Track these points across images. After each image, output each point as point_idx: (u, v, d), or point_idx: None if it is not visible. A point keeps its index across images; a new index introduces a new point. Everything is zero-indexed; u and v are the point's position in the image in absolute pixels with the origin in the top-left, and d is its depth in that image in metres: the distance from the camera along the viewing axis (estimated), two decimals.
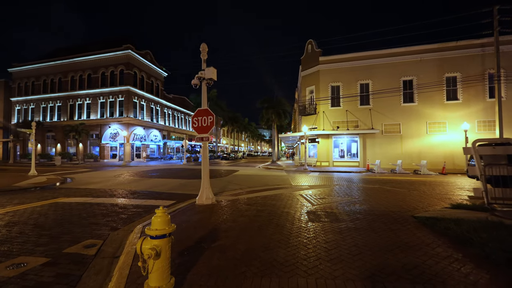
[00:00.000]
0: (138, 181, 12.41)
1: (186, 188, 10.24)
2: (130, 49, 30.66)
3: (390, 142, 21.30)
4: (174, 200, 7.57)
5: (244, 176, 14.89)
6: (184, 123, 48.29)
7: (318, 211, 5.77)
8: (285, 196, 7.75)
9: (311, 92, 24.43)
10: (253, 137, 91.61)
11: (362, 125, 21.95)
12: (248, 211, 5.78)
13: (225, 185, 11.12)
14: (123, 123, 30.68)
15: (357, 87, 22.25)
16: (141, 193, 9.01)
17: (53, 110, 34.59)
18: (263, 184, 11.33)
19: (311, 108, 23.59)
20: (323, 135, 22.68)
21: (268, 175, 15.87)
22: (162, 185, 11.10)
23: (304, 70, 25.00)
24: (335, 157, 22.83)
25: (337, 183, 11.77)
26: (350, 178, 14.21)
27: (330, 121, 22.78)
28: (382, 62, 21.63)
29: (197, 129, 6.90)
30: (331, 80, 22.89)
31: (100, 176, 15.28)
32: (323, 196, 7.68)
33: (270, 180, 13.13)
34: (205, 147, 7.07)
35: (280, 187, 10.24)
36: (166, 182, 11.98)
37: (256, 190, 9.40)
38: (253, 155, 69.10)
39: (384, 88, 21.05)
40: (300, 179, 13.40)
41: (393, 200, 7.05)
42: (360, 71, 22.18)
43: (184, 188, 10.27)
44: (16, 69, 36.65)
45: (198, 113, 6.92)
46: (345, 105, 22.45)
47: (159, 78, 38.09)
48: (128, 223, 5.22)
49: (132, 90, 31.33)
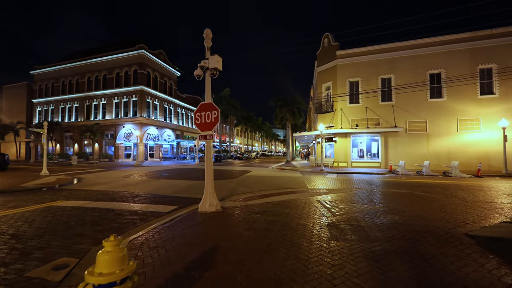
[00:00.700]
0: (145, 183, 11.85)
1: (193, 190, 9.49)
2: (143, 49, 30.69)
3: (415, 141, 19.63)
4: (176, 206, 6.81)
5: (256, 178, 14.01)
6: None
7: (341, 223, 4.76)
8: (301, 203, 6.77)
9: (328, 88, 23.13)
10: (267, 136, 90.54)
11: (384, 123, 20.40)
12: (256, 223, 4.87)
13: (235, 187, 10.27)
14: (137, 123, 30.76)
15: (378, 82, 20.72)
16: (143, 196, 8.34)
17: (71, 110, 35.43)
18: (276, 187, 10.38)
19: (328, 106, 22.30)
20: (341, 134, 21.34)
21: (281, 176, 14.89)
22: (168, 186, 10.44)
23: (320, 66, 23.73)
24: (354, 157, 21.42)
25: (358, 186, 10.60)
26: (371, 180, 12.94)
27: (348, 119, 21.40)
28: (406, 55, 19.98)
29: (200, 126, 6.09)
30: (349, 75, 21.49)
31: (109, 176, 14.95)
32: (345, 203, 6.63)
33: (284, 182, 12.16)
34: (209, 146, 6.24)
35: (295, 190, 9.25)
36: (174, 184, 11.32)
37: (268, 194, 8.48)
38: (267, 155, 68.12)
39: (408, 82, 19.40)
40: (317, 182, 12.32)
41: (431, 209, 5.88)
42: (381, 65, 20.64)
43: (190, 190, 9.53)
44: (37, 72, 37.94)
45: (201, 107, 6.11)
46: (365, 101, 20.99)
47: (172, 77, 38.05)
48: (120, 233, 4.47)
49: (146, 90, 31.35)
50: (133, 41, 32.32)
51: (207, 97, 6.19)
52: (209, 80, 6.23)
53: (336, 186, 10.70)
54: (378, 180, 12.94)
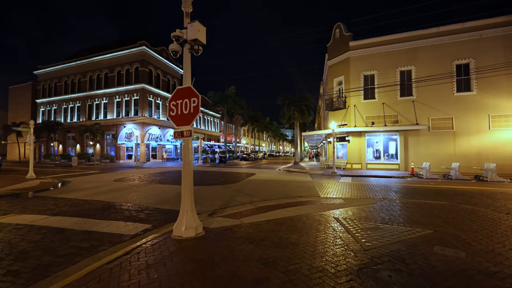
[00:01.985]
0: (132, 188, 10.36)
1: None
2: (144, 46, 29.51)
3: (439, 140, 17.51)
4: (150, 224, 5.22)
5: (260, 182, 12.33)
6: (203, 122, 46.81)
7: (379, 267, 3.04)
8: (313, 222, 5.07)
9: (340, 83, 21.22)
10: (274, 136, 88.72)
11: (403, 120, 18.36)
12: (247, 262, 3.21)
13: (232, 195, 8.64)
14: (138, 122, 29.61)
15: (397, 75, 18.68)
16: (117, 208, 6.81)
17: (73, 110, 34.70)
18: (282, 195, 8.69)
19: (340, 102, 20.40)
20: (355, 133, 19.41)
21: (289, 180, 13.17)
22: (155, 194, 8.90)
23: (331, 59, 21.84)
24: (369, 158, 19.44)
25: (381, 195, 8.78)
26: (394, 186, 11.05)
27: (363, 116, 19.44)
28: (429, 44, 17.89)
29: (175, 119, 4.49)
30: (364, 68, 19.53)
31: (99, 180, 13.61)
32: (373, 223, 4.89)
33: (292, 188, 10.44)
34: (188, 146, 4.60)
35: (305, 201, 7.53)
36: (163, 190, 9.79)
37: (271, 206, 6.82)
38: (275, 155, 66.30)
39: (431, 74, 17.30)
40: (330, 188, 10.54)
41: (504, 237, 4.08)
42: (400, 56, 18.60)
43: (178, 200, 7.96)
44: (41, 71, 37.47)
45: (177, 94, 4.51)
46: (381, 97, 18.99)
47: (176, 76, 36.80)
48: (32, 283, 2.90)
49: (147, 88, 30.16)
50: (135, 39, 31.22)
51: (185, 79, 4.56)
52: (188, 57, 4.60)
53: (353, 194, 8.91)
54: (402, 186, 11.03)
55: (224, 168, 22.71)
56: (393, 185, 11.29)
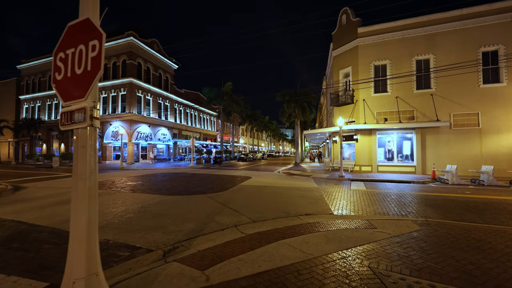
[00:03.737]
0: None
1: (143, 222, 5.65)
2: (132, 36, 27.16)
3: (462, 139, 15.25)
4: (47, 283, 2.93)
5: (254, 190, 10.05)
6: (198, 121, 44.48)
7: None
8: (335, 280, 2.77)
9: (347, 75, 18.95)
10: (274, 136, 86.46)
11: (420, 117, 16.10)
12: None
13: (213, 212, 6.36)
14: (125, 120, 27.27)
15: (412, 65, 16.42)
16: (44, 237, 4.53)
17: (58, 107, 32.36)
18: (281, 211, 6.43)
19: (347, 96, 18.12)
20: (364, 131, 17.16)
21: (289, 187, 10.88)
22: (109, 212, 6.62)
23: (336, 48, 19.56)
24: (380, 159, 17.16)
25: (414, 209, 6.52)
26: (422, 196, 8.77)
27: (373, 112, 17.18)
28: (450, 29, 15.63)
29: (61, 86, 2.20)
30: (375, 58, 17.26)
31: (63, 186, 11.33)
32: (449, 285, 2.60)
33: (293, 198, 8.16)
34: (85, 143, 2.27)
35: (313, 222, 5.25)
36: (126, 202, 7.50)
37: (263, 233, 4.58)
38: (274, 155, 64.01)
39: (453, 63, 15.04)
40: (342, 198, 8.26)
41: None
42: (417, 43, 16.34)
43: (136, 222, 5.68)
44: (24, 66, 35.15)
45: (68, 36, 2.21)
46: (395, 90, 16.73)
47: (168, 70, 34.46)
48: None
49: (135, 83, 27.81)
50: (123, 30, 28.88)
51: (83, 4, 2.25)
52: None
53: (377, 209, 6.64)
54: (432, 196, 8.74)
55: (217, 170, 20.43)
56: (419, 194, 9.01)
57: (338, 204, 7.41)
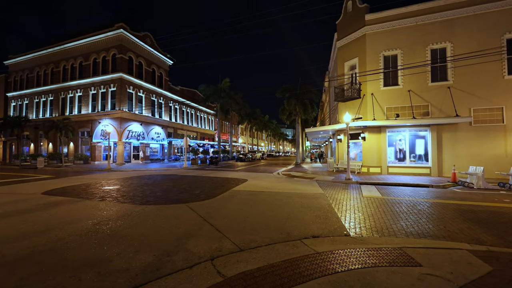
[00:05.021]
0: (34, 213, 6.46)
1: (84, 250, 4.03)
2: (122, 29, 25.50)
3: (484, 137, 13.60)
4: None
5: (248, 197, 8.41)
6: (195, 120, 42.81)
7: None
8: None
9: (353, 68, 17.30)
10: (274, 136, 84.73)
11: (436, 112, 14.45)
12: None
13: (190, 231, 4.73)
14: (115, 117, 25.62)
15: (427, 55, 14.76)
16: None
17: (46, 105, 30.71)
18: (279, 228, 4.81)
19: (353, 90, 16.46)
20: (372, 128, 15.52)
21: (291, 193, 9.24)
22: (40, 237, 5.00)
23: (341, 38, 17.90)
24: (390, 160, 15.51)
25: (454, 226, 4.88)
26: (451, 205, 7.12)
27: (383, 107, 15.54)
28: (470, 14, 13.97)
29: None
30: (384, 47, 15.61)
31: (24, 192, 9.74)
32: None
33: (295, 209, 6.53)
34: None
35: (323, 252, 3.60)
36: (90, 216, 5.88)
37: (249, 273, 2.94)
38: (274, 155, 62.36)
39: (473, 52, 13.37)
40: (355, 209, 6.62)
41: None
42: (432, 30, 14.68)
43: (77, 251, 4.06)
44: (12, 61, 33.53)
45: None
46: (407, 83, 15.08)
47: (163, 66, 32.79)
48: None
49: (126, 78, 26.15)
50: (114, 23, 27.22)
51: None
52: None
53: (405, 226, 5.00)
54: (468, 206, 7.08)
55: (212, 171, 18.80)
56: (449, 203, 7.36)
57: (352, 218, 5.77)
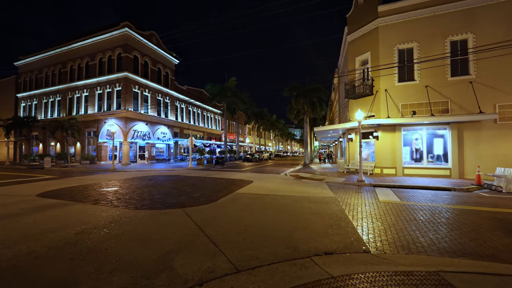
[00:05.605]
0: (20, 218, 5.95)
1: (52, 269, 3.41)
2: (127, 27, 25.27)
3: (511, 136, 12.47)
4: None
5: (252, 201, 7.72)
6: (202, 119, 42.44)
7: None
8: None
9: (364, 63, 16.37)
10: (282, 135, 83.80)
11: (456, 109, 13.39)
12: None
13: (181, 243, 4.07)
14: (120, 117, 25.41)
15: (446, 47, 13.72)
16: None
17: (54, 105, 30.91)
18: (284, 240, 4.07)
19: (365, 87, 15.54)
20: (386, 127, 14.57)
21: (299, 196, 8.49)
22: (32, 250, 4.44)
23: (352, 32, 16.99)
24: (406, 160, 14.52)
25: (499, 242, 4.02)
26: (488, 214, 6.22)
27: (397, 104, 14.57)
28: (493, 1, 12.90)
29: None
30: (399, 40, 14.64)
31: (19, 193, 9.35)
32: None
33: (303, 216, 5.79)
34: None
35: (338, 276, 2.86)
36: (75, 222, 5.33)
37: None
38: (282, 155, 61.48)
39: (498, 43, 12.26)
40: (372, 217, 5.83)
41: None
42: (451, 21, 13.63)
43: (42, 270, 3.45)
44: (21, 62, 33.96)
45: None
46: (424, 77, 14.06)
47: (169, 65, 32.50)
48: None
49: (131, 78, 25.90)
50: (120, 22, 27.05)
51: None
52: None
53: (436, 240, 4.20)
54: (502, 212, 6.18)
55: (217, 172, 18.22)
56: (481, 211, 6.46)
57: (370, 228, 4.99)
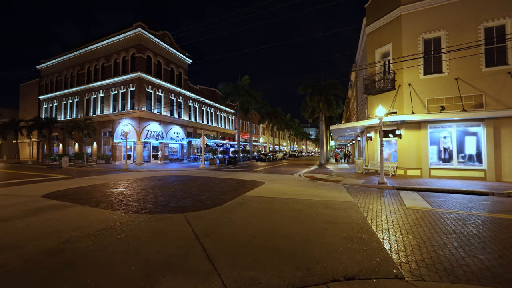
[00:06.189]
0: (23, 218, 5.61)
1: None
2: (140, 28, 25.37)
3: None
4: None
5: (260, 206, 7.02)
6: (215, 119, 42.25)
7: None
8: None
9: (385, 55, 15.19)
10: (296, 135, 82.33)
11: (492, 103, 11.96)
12: None
13: (172, 258, 3.44)
14: (134, 117, 25.57)
15: (479, 35, 12.31)
16: None
17: (72, 106, 31.81)
18: (295, 257, 3.32)
19: (386, 81, 14.36)
20: (410, 124, 13.35)
21: (313, 201, 7.67)
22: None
23: (372, 23, 15.83)
24: (433, 161, 13.22)
25: None
26: None
27: (423, 99, 13.30)
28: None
29: None
30: (424, 29, 13.36)
31: (25, 194, 9.22)
32: None
33: (318, 225, 5.00)
34: None
35: None
36: (67, 228, 4.89)
37: None
38: (297, 155, 60.24)
39: None
40: (401, 228, 4.94)
41: None
42: (486, 4, 12.22)
43: None
44: (43, 66, 35.31)
45: None
46: (454, 69, 12.72)
47: (182, 65, 32.48)
48: None
49: (144, 78, 26.01)
50: (134, 23, 27.27)
51: None
52: None
53: (483, 260, 3.29)
54: None
55: (228, 172, 17.69)
56: None
57: (399, 243, 4.13)
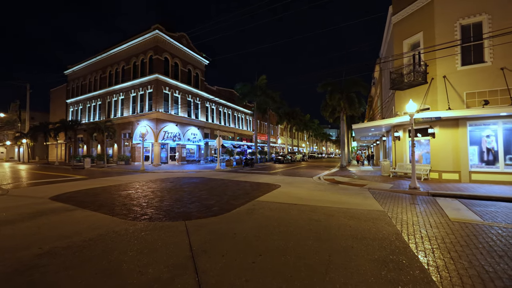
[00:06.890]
0: (23, 223, 5.26)
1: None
2: (158, 30, 25.56)
3: None
4: None
5: (273, 214, 6.21)
6: (232, 120, 41.93)
7: None
8: None
9: (415, 46, 13.74)
10: (316, 136, 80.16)
11: None
12: None
13: (155, 283, 2.74)
14: (151, 119, 25.78)
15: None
16: None
17: (95, 109, 32.95)
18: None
19: (417, 74, 12.92)
20: (446, 121, 11.85)
21: (334, 209, 6.73)
22: None
23: (399, 11, 14.44)
24: (474, 163, 11.60)
25: None
26: None
27: (461, 93, 11.75)
28: None
29: None
30: (461, 14, 11.83)
31: (36, 195, 9.15)
32: None
33: (340, 243, 4.11)
34: None
35: None
36: (56, 237, 4.40)
37: None
38: (316, 157, 58.44)
39: None
40: (447, 247, 3.89)
41: None
42: None
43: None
44: (70, 71, 37.02)
45: None
46: (499, 57, 11.09)
47: (199, 66, 32.47)
48: None
49: (162, 79, 26.17)
50: (151, 25, 27.64)
51: None
52: None
53: None
54: None
55: (244, 174, 17.02)
56: None
57: (452, 271, 3.13)
